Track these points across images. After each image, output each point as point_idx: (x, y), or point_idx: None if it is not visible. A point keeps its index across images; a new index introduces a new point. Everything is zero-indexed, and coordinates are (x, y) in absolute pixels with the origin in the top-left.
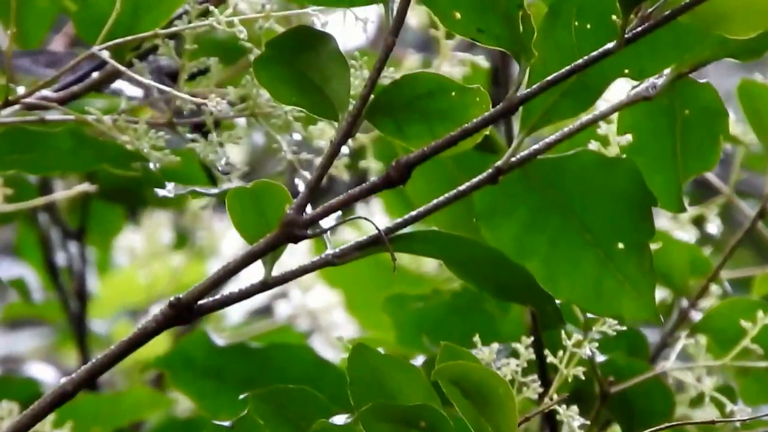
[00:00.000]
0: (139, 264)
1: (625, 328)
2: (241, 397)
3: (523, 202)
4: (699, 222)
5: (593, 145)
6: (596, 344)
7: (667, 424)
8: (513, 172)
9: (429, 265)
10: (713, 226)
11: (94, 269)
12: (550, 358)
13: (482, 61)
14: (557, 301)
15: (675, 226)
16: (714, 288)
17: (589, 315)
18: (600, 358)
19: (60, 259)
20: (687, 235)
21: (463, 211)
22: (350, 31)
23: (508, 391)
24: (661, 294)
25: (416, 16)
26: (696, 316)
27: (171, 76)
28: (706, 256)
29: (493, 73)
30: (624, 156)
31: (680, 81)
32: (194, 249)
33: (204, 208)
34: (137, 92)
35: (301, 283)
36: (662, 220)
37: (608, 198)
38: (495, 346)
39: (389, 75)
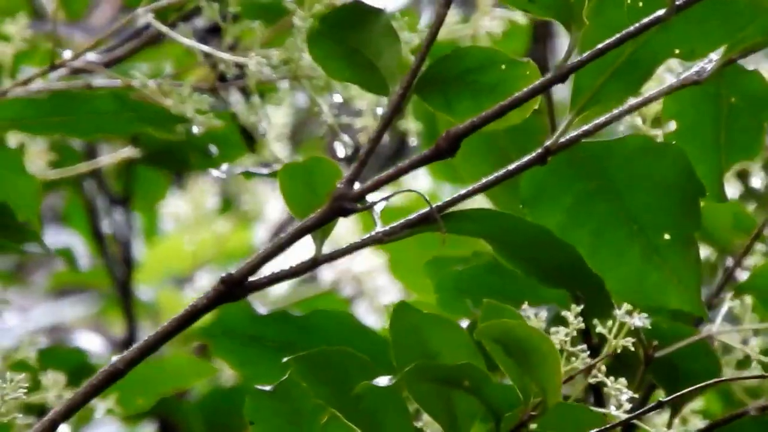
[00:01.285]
0: (185, 230)
1: None
2: (283, 360)
3: (569, 189)
4: (742, 176)
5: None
6: (645, 315)
7: (714, 380)
8: (560, 159)
9: None
10: (757, 180)
11: (140, 236)
12: (598, 328)
13: (520, 17)
14: None
15: None
16: (759, 246)
17: None
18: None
19: (106, 226)
20: (730, 190)
21: (508, 195)
22: None
23: (551, 349)
24: (704, 253)
25: None
26: (741, 275)
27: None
28: (750, 212)
29: (533, 30)
30: (673, 142)
31: (728, 68)
32: (239, 214)
33: (245, 174)
34: None
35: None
36: None
37: (655, 186)
38: (543, 313)
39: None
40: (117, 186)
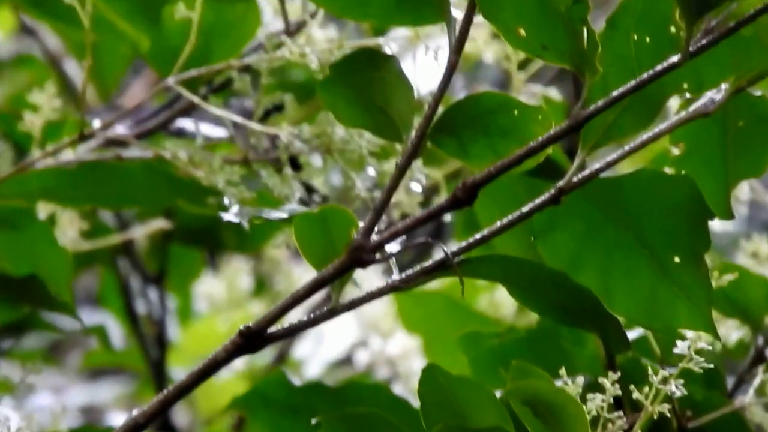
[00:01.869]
0: (219, 310)
1: (712, 365)
2: (314, 421)
3: (580, 218)
4: None
5: None
6: (682, 381)
7: None
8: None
9: (506, 309)
10: None
11: (174, 316)
12: (635, 394)
13: (555, 94)
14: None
15: (753, 263)
16: None
17: (674, 350)
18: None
19: (140, 306)
20: (765, 270)
21: (523, 235)
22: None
23: (580, 411)
24: (739, 332)
25: (491, 52)
26: None
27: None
28: None
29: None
30: (683, 172)
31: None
32: (273, 295)
33: (278, 246)
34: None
35: (381, 330)
36: (740, 257)
37: (665, 212)
38: (581, 379)
39: None
40: (151, 265)
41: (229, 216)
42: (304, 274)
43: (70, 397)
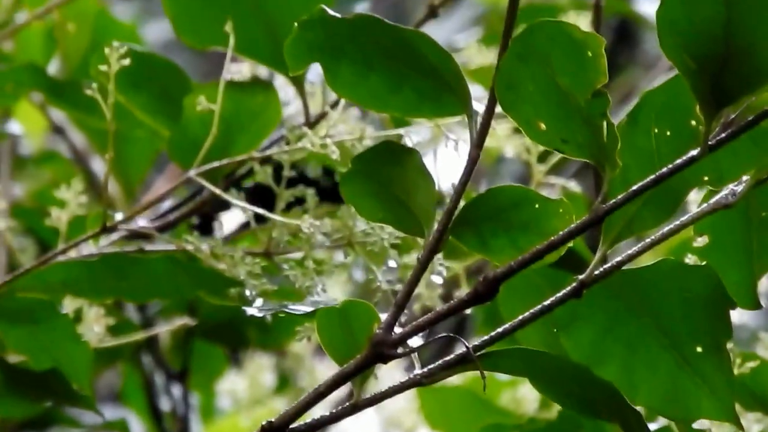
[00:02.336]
0: (242, 408)
1: None
2: None
3: (602, 309)
4: None
5: None
6: None
7: None
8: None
9: (529, 405)
10: None
11: (197, 413)
12: None
13: (574, 186)
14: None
15: None
16: None
17: None
18: None
19: (163, 403)
20: None
21: (545, 327)
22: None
23: None
24: (760, 424)
25: (512, 146)
26: None
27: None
28: None
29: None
30: (704, 263)
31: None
32: (296, 391)
33: (300, 340)
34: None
35: (403, 425)
36: (760, 349)
37: (686, 302)
38: None
39: None
40: (174, 362)
41: (253, 310)
42: (327, 370)
43: None
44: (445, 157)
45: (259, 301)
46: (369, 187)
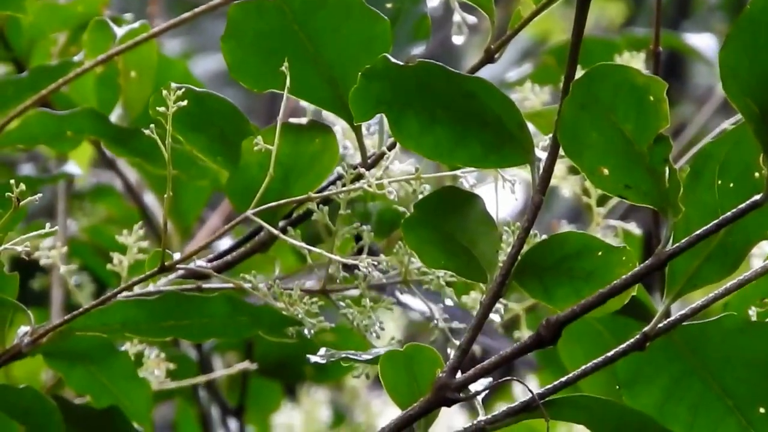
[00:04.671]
0: None
1: None
2: None
3: (665, 370)
4: None
5: None
6: None
7: None
8: (655, 341)
9: None
10: None
11: None
12: None
13: (634, 228)
14: None
15: None
16: None
17: None
18: None
19: None
20: None
21: (604, 374)
22: (500, 196)
23: None
24: None
25: (567, 186)
26: None
27: None
28: None
29: (646, 241)
30: (766, 320)
31: None
32: (352, 427)
33: (357, 376)
34: None
35: None
36: None
37: (749, 363)
38: None
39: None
40: (231, 397)
41: (316, 358)
42: (383, 405)
43: None
44: (500, 196)
45: (322, 350)
46: (432, 236)
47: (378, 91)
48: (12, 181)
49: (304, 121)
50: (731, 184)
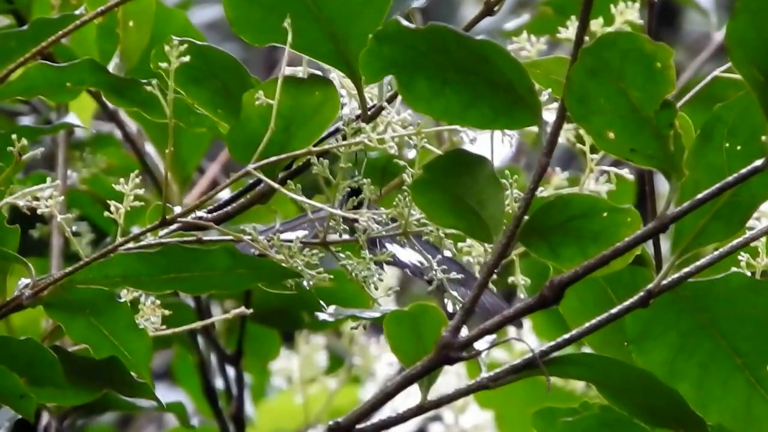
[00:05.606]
0: (295, 388)
1: None
2: None
3: (674, 327)
4: None
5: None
6: None
7: None
8: (664, 296)
9: (579, 382)
10: None
11: (251, 394)
12: None
13: (627, 175)
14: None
15: None
16: None
17: None
18: None
19: (217, 383)
20: None
21: (613, 332)
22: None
23: None
24: None
25: (561, 133)
26: None
27: None
28: None
29: (639, 187)
30: None
31: None
32: (349, 372)
33: (355, 328)
34: None
35: (454, 405)
36: None
37: (757, 321)
38: None
39: (539, 194)
40: (229, 343)
41: (325, 316)
42: (380, 352)
43: None
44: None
45: (331, 308)
46: (441, 198)
47: (389, 54)
48: (14, 136)
49: (300, 71)
50: (738, 147)
